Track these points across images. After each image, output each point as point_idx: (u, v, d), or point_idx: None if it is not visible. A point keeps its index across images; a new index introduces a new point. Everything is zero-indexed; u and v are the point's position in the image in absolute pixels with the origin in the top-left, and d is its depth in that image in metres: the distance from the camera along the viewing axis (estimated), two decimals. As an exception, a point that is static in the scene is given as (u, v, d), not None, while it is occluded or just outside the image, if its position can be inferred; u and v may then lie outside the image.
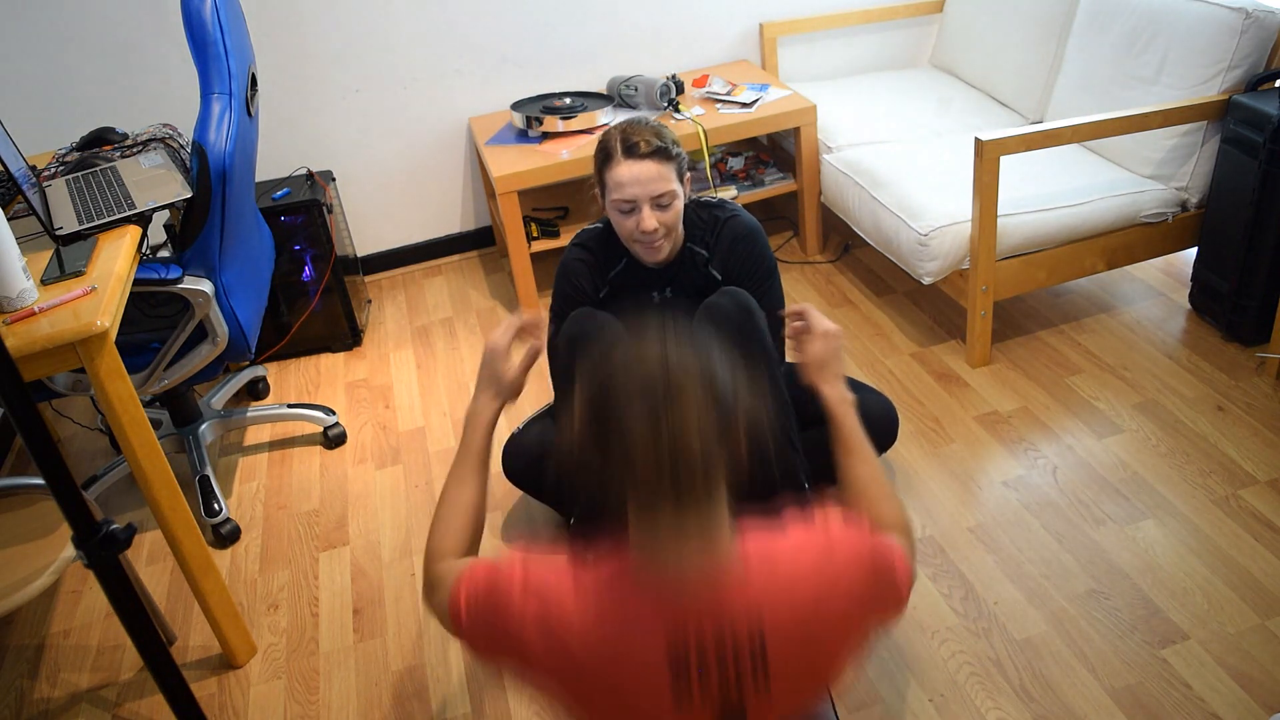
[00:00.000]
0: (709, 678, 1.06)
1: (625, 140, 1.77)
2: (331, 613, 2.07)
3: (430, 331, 3.03)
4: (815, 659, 1.09)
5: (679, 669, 1.05)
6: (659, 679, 1.06)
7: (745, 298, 1.78)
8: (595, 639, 1.06)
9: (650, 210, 1.79)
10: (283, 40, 2.95)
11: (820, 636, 1.08)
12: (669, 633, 1.05)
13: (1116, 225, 2.51)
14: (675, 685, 1.06)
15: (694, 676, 1.06)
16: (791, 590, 1.06)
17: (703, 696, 1.07)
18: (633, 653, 1.05)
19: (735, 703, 1.09)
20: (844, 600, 1.08)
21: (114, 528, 1.12)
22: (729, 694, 1.07)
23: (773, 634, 1.06)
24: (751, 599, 1.05)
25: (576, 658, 1.07)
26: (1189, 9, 2.42)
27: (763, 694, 1.08)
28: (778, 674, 1.08)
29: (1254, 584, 1.85)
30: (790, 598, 1.06)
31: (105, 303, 1.61)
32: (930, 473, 2.22)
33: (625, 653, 1.05)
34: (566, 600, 1.07)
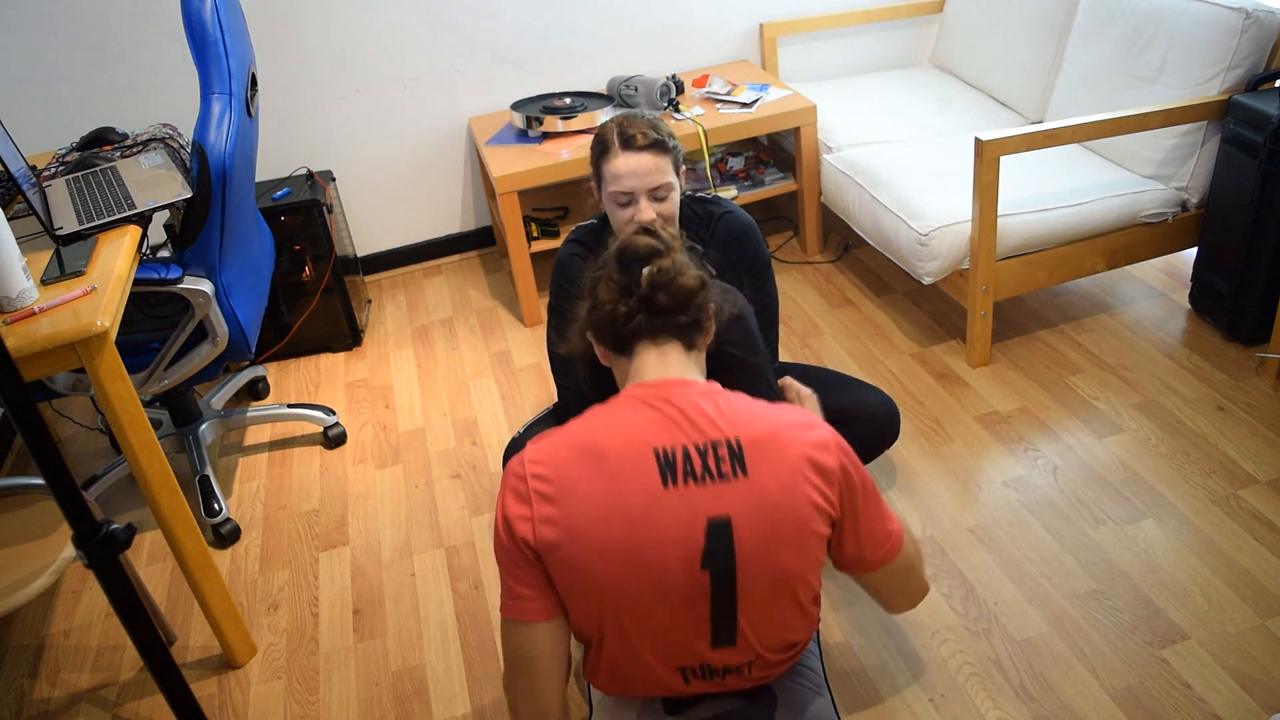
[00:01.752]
0: (692, 467, 1.21)
1: (622, 133, 1.78)
2: (331, 613, 2.07)
3: (430, 331, 3.03)
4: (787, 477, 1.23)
5: (665, 461, 1.21)
6: (647, 467, 1.21)
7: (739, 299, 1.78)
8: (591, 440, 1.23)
9: (648, 202, 1.79)
10: (283, 40, 2.95)
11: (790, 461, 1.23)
12: (654, 432, 1.22)
13: (1116, 225, 2.51)
14: (662, 472, 1.21)
15: (679, 466, 1.21)
16: (762, 419, 1.25)
17: (686, 483, 1.20)
18: (624, 450, 1.22)
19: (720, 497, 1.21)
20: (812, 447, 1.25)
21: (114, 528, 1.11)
22: (711, 478, 1.20)
23: (748, 444, 1.23)
24: (728, 421, 1.24)
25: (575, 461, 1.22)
26: (1189, 9, 2.42)
27: (742, 484, 1.21)
28: (754, 470, 1.22)
29: (1254, 584, 1.85)
30: (762, 424, 1.25)
31: (105, 303, 1.61)
32: (930, 473, 2.22)
33: (617, 450, 1.22)
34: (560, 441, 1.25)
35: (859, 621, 1.88)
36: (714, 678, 1.31)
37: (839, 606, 1.92)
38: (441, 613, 2.03)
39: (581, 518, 1.20)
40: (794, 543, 1.23)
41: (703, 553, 1.20)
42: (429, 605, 2.05)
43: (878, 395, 2.06)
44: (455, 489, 2.37)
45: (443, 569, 2.14)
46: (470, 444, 2.51)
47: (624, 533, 1.20)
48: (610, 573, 1.21)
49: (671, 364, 1.30)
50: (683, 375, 1.29)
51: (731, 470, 1.21)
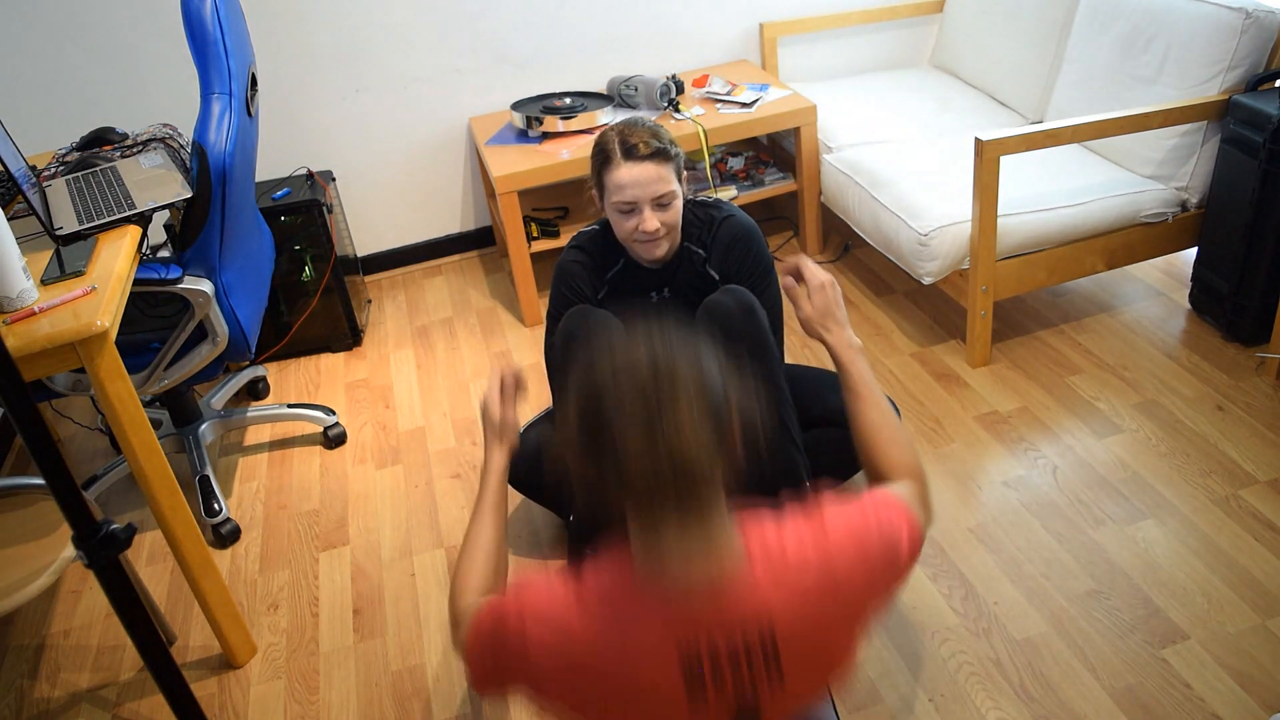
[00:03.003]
0: (723, 679, 1.06)
1: (624, 142, 1.77)
2: (331, 613, 2.07)
3: (430, 331, 3.03)
4: (826, 646, 1.10)
5: (692, 674, 1.05)
6: (672, 685, 1.06)
7: (747, 296, 1.78)
8: (604, 652, 1.05)
9: (651, 211, 1.79)
10: (283, 40, 2.95)
11: (829, 623, 1.08)
12: (679, 639, 1.05)
13: (1116, 225, 2.51)
14: (689, 689, 1.06)
15: (708, 680, 1.06)
16: (797, 583, 1.06)
17: (718, 697, 1.07)
18: (643, 661, 1.05)
19: (750, 700, 1.09)
20: (848, 583, 1.08)
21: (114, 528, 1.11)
22: (744, 693, 1.08)
23: (783, 630, 1.06)
24: (759, 599, 1.05)
25: (587, 674, 1.06)
26: (1189, 9, 2.42)
27: (777, 689, 1.09)
28: (790, 668, 1.08)
29: (1254, 584, 1.85)
30: (797, 591, 1.05)
31: (105, 303, 1.61)
32: (930, 473, 2.22)
33: (636, 661, 1.05)
34: (572, 618, 1.07)
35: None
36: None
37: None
38: (441, 613, 2.03)
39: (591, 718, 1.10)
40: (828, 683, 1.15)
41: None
42: (429, 605, 2.05)
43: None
44: (455, 489, 2.37)
45: (443, 569, 2.14)
46: (470, 444, 2.51)
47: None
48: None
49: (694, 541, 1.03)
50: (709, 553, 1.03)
51: (766, 676, 1.06)
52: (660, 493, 0.98)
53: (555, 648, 1.06)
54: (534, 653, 1.07)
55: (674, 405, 0.96)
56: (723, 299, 1.77)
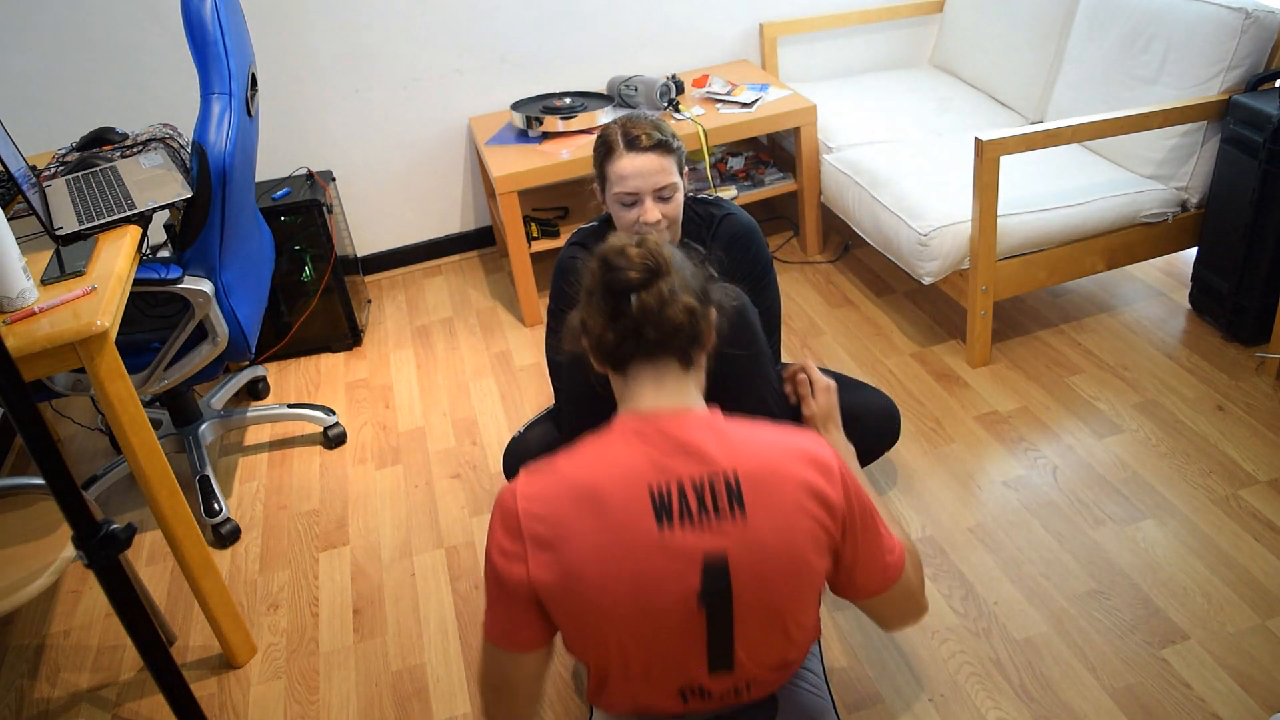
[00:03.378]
0: (688, 507, 1.18)
1: (626, 134, 1.78)
2: (331, 613, 2.07)
3: (430, 331, 3.03)
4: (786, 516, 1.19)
5: (661, 502, 1.18)
6: (642, 510, 1.17)
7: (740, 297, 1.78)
8: (584, 477, 1.19)
9: (653, 202, 1.80)
10: (283, 40, 2.95)
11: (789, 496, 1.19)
12: (649, 469, 1.18)
13: (1116, 225, 2.51)
14: (656, 513, 1.17)
15: (675, 507, 1.17)
16: (764, 450, 1.21)
17: (683, 525, 1.17)
18: (617, 486, 1.18)
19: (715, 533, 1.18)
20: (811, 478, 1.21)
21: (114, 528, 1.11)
22: (709, 520, 1.17)
23: (746, 479, 1.19)
24: (726, 452, 1.19)
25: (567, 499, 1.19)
26: (1189, 9, 2.42)
27: (740, 527, 1.18)
28: (753, 511, 1.18)
29: (1254, 584, 1.85)
30: (761, 454, 1.20)
31: (105, 303, 1.61)
32: (930, 473, 2.22)
33: (610, 485, 1.18)
34: (558, 462, 1.22)
35: (859, 621, 1.88)
36: (711, 699, 1.30)
37: (839, 606, 1.92)
38: (441, 613, 2.03)
39: (578, 561, 1.18)
40: (791, 579, 1.22)
41: (699, 593, 1.18)
42: (429, 605, 2.05)
43: (878, 397, 2.06)
44: (455, 489, 2.37)
45: (443, 569, 2.14)
46: (470, 444, 2.51)
47: (621, 573, 1.17)
48: (609, 610, 1.19)
49: (667, 387, 1.24)
50: (680, 402, 1.23)
51: (729, 509, 1.18)
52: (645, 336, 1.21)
53: (538, 486, 1.21)
54: (522, 497, 1.20)
55: (665, 268, 1.23)
56: None
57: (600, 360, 1.28)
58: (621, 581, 1.17)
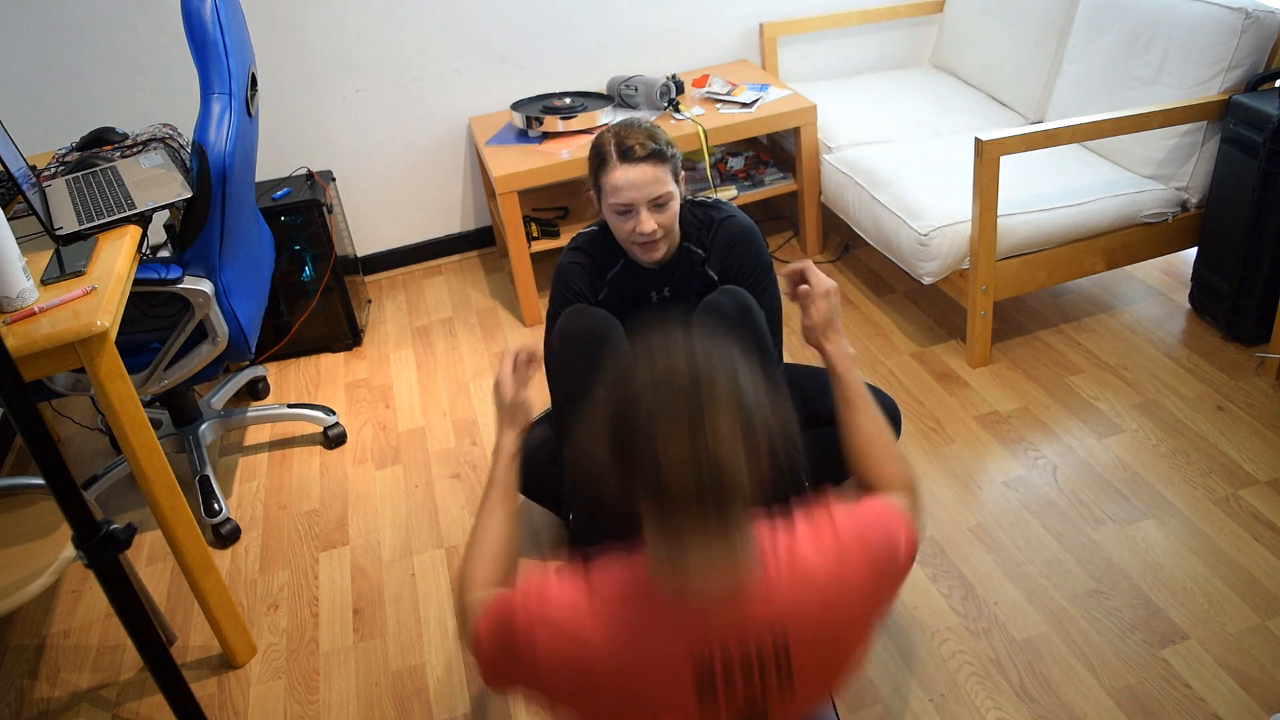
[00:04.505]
0: (734, 687, 1.06)
1: (620, 144, 1.77)
2: (331, 613, 2.07)
3: (430, 331, 3.03)
4: (836, 652, 1.10)
5: (704, 682, 1.05)
6: (684, 693, 1.05)
7: (744, 296, 1.78)
8: (615, 658, 1.05)
9: (648, 212, 1.79)
10: (283, 40, 2.95)
11: (839, 628, 1.09)
12: (692, 647, 1.04)
13: (1116, 225, 2.51)
14: (700, 698, 1.06)
15: (720, 688, 1.05)
16: (809, 591, 1.06)
17: (728, 705, 1.07)
18: (655, 668, 1.04)
19: (760, 707, 1.09)
20: (856, 588, 1.09)
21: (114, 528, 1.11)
22: (755, 701, 1.07)
23: (795, 637, 1.06)
24: (773, 606, 1.04)
25: (596, 679, 1.06)
26: (1189, 9, 2.42)
27: (787, 696, 1.09)
28: (801, 675, 1.08)
29: (1254, 584, 1.85)
30: (809, 599, 1.06)
31: (105, 303, 1.61)
32: (930, 473, 2.22)
33: (647, 668, 1.04)
34: (584, 625, 1.06)
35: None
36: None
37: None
38: (441, 613, 2.03)
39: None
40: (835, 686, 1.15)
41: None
42: (429, 605, 2.05)
43: (878, 396, 2.06)
44: (455, 489, 2.37)
45: (443, 569, 2.14)
46: (470, 444, 2.51)
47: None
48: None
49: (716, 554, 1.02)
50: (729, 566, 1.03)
51: (777, 680, 1.06)
52: (692, 502, 0.97)
53: (565, 654, 1.05)
54: (542, 658, 1.06)
55: (714, 416, 0.96)
56: (720, 299, 1.77)
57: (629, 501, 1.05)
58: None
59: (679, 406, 0.95)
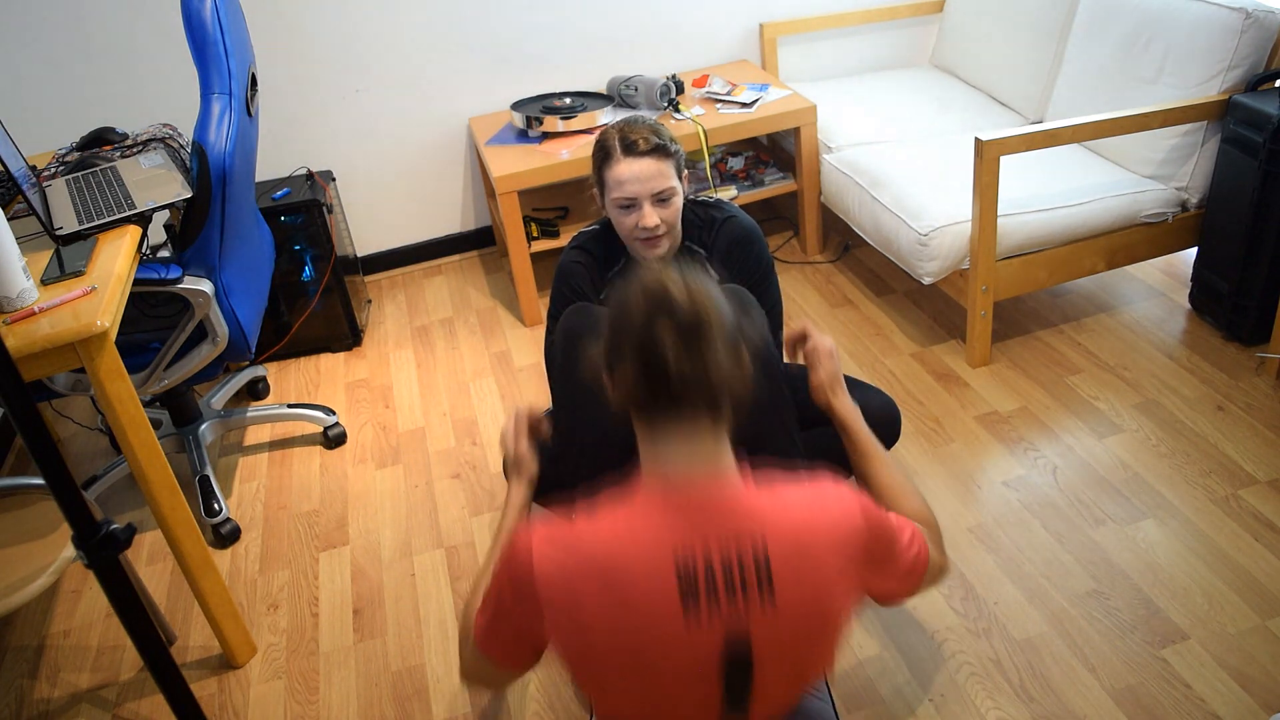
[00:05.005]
0: (715, 591, 1.11)
1: (624, 139, 1.78)
2: (331, 613, 2.07)
3: (430, 331, 3.03)
4: (815, 593, 1.14)
5: (686, 579, 1.11)
6: (667, 586, 1.11)
7: (745, 296, 1.78)
8: (603, 549, 1.12)
9: (651, 207, 1.80)
10: (283, 40, 2.95)
11: (819, 568, 1.14)
12: (675, 547, 1.11)
13: (1116, 225, 2.51)
14: (683, 594, 1.11)
15: (701, 586, 1.11)
16: (792, 514, 1.14)
17: (710, 608, 1.12)
18: (640, 565, 1.11)
19: (742, 621, 1.13)
20: (838, 541, 1.15)
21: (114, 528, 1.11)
22: (736, 608, 1.12)
23: (776, 553, 1.12)
24: (753, 516, 1.13)
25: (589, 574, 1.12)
26: (1189, 9, 2.42)
27: (769, 613, 1.13)
28: (782, 594, 1.13)
29: (1254, 584, 1.85)
30: (791, 523, 1.13)
31: (105, 303, 1.61)
32: (930, 473, 2.22)
33: (634, 559, 1.11)
34: (578, 529, 1.14)
35: (859, 621, 1.88)
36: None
37: (839, 606, 1.92)
38: (441, 613, 2.03)
39: (595, 639, 1.13)
40: (818, 643, 1.18)
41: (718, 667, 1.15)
42: (429, 605, 2.05)
43: (878, 396, 2.06)
44: (455, 489, 2.37)
45: (443, 569, 2.14)
46: (470, 444, 2.51)
47: (639, 651, 1.13)
48: (622, 676, 1.16)
49: (698, 449, 1.13)
50: (710, 464, 1.14)
51: (759, 590, 1.12)
52: (678, 391, 1.10)
53: (558, 559, 1.13)
54: (539, 568, 1.13)
55: (700, 320, 1.10)
56: None
57: (623, 405, 1.18)
58: (639, 657, 1.13)
59: (667, 307, 1.10)
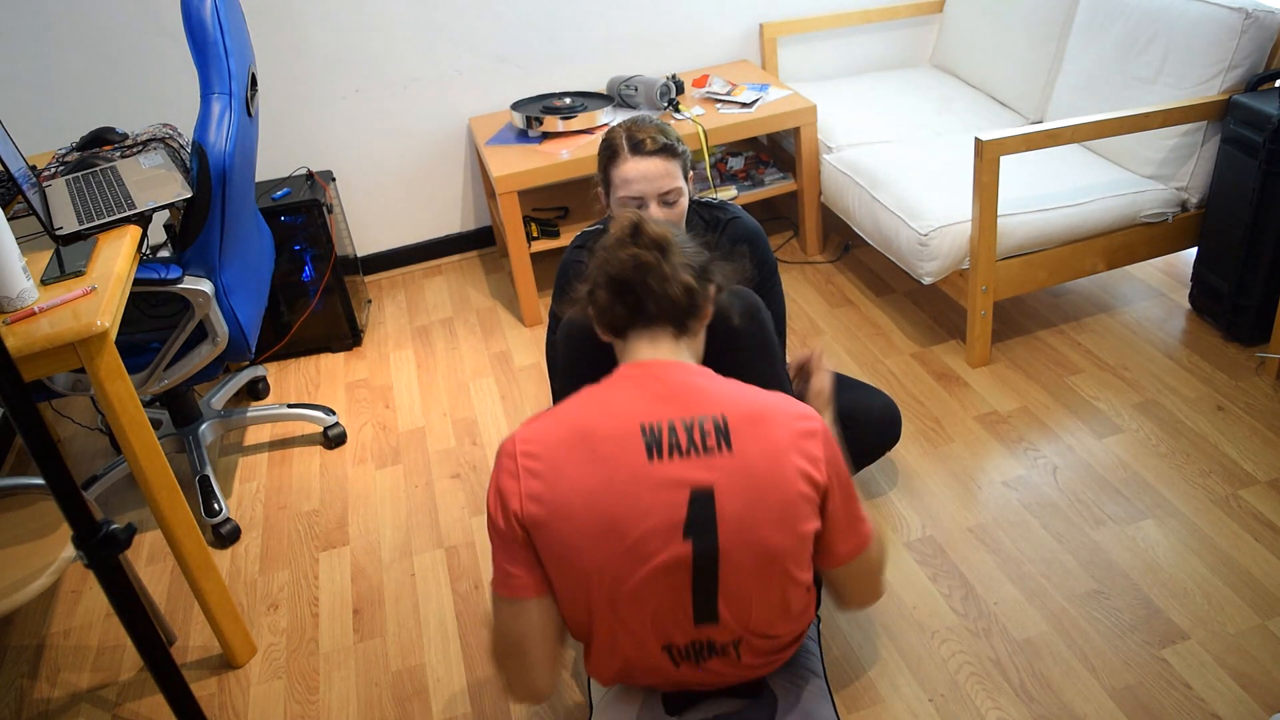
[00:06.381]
0: (678, 442, 1.24)
1: (631, 138, 1.78)
2: (331, 613, 2.07)
3: (430, 331, 3.03)
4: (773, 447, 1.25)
5: (651, 438, 1.24)
6: (633, 440, 1.24)
7: (751, 296, 1.78)
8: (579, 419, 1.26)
9: (657, 206, 1.80)
10: (283, 40, 2.95)
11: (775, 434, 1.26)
12: (642, 415, 1.25)
13: (1116, 225, 2.51)
14: (648, 446, 1.23)
15: (664, 441, 1.24)
16: (753, 398, 1.28)
17: (671, 457, 1.22)
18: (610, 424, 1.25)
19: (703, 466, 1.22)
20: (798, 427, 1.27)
21: (114, 528, 1.11)
22: (696, 452, 1.23)
23: (734, 422, 1.25)
24: (715, 399, 1.27)
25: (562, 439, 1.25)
26: (1189, 9, 2.42)
27: (727, 458, 1.23)
28: (739, 446, 1.24)
29: (1254, 584, 1.85)
30: (749, 403, 1.27)
31: (105, 303, 1.61)
32: (930, 473, 2.22)
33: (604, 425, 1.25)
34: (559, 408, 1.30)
35: (859, 621, 1.88)
36: (700, 659, 1.31)
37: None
38: (441, 613, 2.03)
39: (568, 495, 1.23)
40: (779, 518, 1.25)
41: (684, 523, 1.22)
42: (429, 605, 2.05)
43: (879, 397, 2.06)
44: (455, 489, 2.37)
45: (443, 569, 2.14)
46: (470, 444, 2.51)
47: (608, 507, 1.22)
48: (594, 548, 1.23)
49: (662, 347, 1.34)
50: (673, 357, 1.33)
51: (717, 444, 1.24)
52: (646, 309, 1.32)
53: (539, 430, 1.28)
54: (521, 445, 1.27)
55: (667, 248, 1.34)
56: (727, 299, 1.77)
57: (603, 328, 1.38)
58: (608, 514, 1.22)
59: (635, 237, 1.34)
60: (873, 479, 2.22)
